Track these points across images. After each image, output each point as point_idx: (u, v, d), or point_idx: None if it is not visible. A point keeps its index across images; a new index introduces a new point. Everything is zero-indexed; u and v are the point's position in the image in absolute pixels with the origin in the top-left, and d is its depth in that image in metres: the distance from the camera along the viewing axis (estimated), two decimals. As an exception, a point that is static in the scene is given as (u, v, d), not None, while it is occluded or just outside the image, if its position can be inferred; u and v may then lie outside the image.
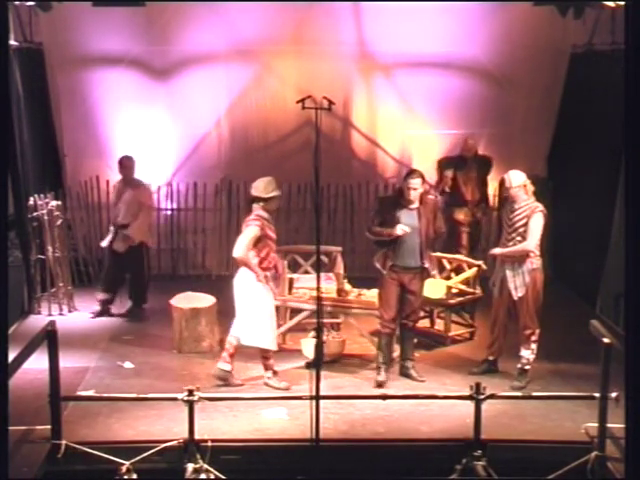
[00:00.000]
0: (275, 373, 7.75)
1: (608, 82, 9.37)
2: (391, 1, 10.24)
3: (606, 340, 6.23)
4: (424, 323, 9.27)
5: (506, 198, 7.82)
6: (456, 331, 9.01)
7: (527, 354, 7.64)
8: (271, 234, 7.62)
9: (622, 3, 8.56)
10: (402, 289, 7.71)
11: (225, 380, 7.60)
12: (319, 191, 6.38)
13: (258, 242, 7.50)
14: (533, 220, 7.51)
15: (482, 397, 6.27)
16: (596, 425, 6.30)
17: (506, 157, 10.77)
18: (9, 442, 5.62)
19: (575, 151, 10.49)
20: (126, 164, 9.62)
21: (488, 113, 11.06)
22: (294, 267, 9.16)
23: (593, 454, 6.18)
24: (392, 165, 11.43)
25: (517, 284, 7.54)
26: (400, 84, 11.06)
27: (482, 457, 6.22)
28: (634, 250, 5.47)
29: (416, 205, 7.60)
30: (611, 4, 9.03)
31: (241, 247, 7.46)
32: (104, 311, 9.72)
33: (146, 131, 11.03)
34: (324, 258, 9.06)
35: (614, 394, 6.19)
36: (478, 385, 6.33)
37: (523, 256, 7.51)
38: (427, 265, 7.71)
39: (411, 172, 7.76)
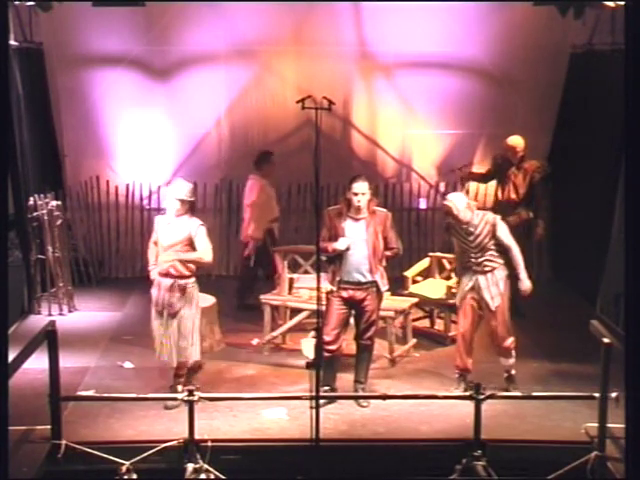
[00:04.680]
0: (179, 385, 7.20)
1: (608, 82, 9.36)
2: (391, 1, 10.25)
3: (606, 340, 6.23)
4: (424, 323, 9.29)
5: (451, 224, 7.28)
6: (456, 331, 8.99)
7: (510, 362, 7.44)
8: (158, 238, 7.14)
9: (622, 3, 8.55)
10: (353, 307, 7.24)
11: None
12: (319, 191, 6.38)
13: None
14: (501, 230, 7.17)
15: (482, 397, 6.26)
16: (596, 425, 6.30)
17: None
18: (9, 442, 5.63)
19: (575, 151, 10.48)
20: (272, 160, 9.71)
21: (488, 113, 11.05)
22: (294, 267, 9.15)
23: (593, 454, 6.17)
24: (392, 165, 11.42)
25: (493, 293, 7.23)
26: (400, 84, 11.05)
27: (482, 457, 6.21)
28: (634, 250, 5.47)
29: (364, 215, 7.11)
30: (611, 4, 9.02)
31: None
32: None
33: (146, 131, 11.02)
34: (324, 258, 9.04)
35: (614, 394, 6.19)
36: (478, 385, 6.33)
37: (498, 263, 7.24)
38: (378, 280, 7.16)
39: (355, 176, 7.19)
